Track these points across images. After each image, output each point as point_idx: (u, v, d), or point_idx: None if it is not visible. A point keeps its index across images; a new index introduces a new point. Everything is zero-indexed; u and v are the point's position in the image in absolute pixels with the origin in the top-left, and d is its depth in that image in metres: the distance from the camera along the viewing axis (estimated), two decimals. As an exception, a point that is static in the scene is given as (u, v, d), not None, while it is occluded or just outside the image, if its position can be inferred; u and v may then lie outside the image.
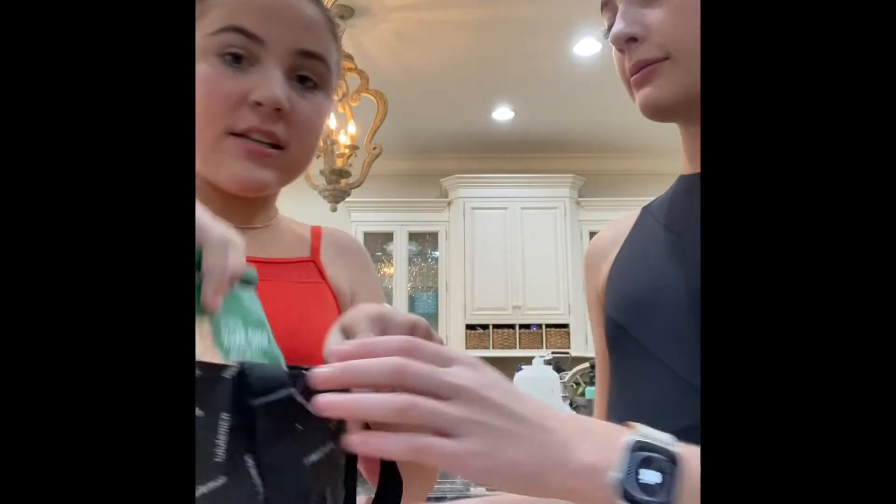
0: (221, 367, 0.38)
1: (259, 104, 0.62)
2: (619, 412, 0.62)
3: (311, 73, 0.66)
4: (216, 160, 0.64)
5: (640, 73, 0.62)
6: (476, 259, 4.36)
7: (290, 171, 0.68)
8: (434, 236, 4.58)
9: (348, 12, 2.96)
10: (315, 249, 0.75)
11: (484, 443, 0.37)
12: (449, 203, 4.53)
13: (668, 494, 0.36)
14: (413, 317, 0.48)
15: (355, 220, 4.46)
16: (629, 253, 0.69)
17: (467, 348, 4.32)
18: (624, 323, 0.64)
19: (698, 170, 0.65)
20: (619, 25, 0.61)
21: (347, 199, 3.24)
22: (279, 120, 0.63)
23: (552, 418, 0.40)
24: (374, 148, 2.90)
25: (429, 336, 0.48)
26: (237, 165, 0.64)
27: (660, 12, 0.61)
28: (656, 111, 0.62)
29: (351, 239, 0.82)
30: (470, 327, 4.33)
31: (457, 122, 4.21)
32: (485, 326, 4.33)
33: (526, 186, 4.42)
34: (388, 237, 4.50)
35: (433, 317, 4.49)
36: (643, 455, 0.37)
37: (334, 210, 3.10)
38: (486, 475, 0.37)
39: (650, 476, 0.37)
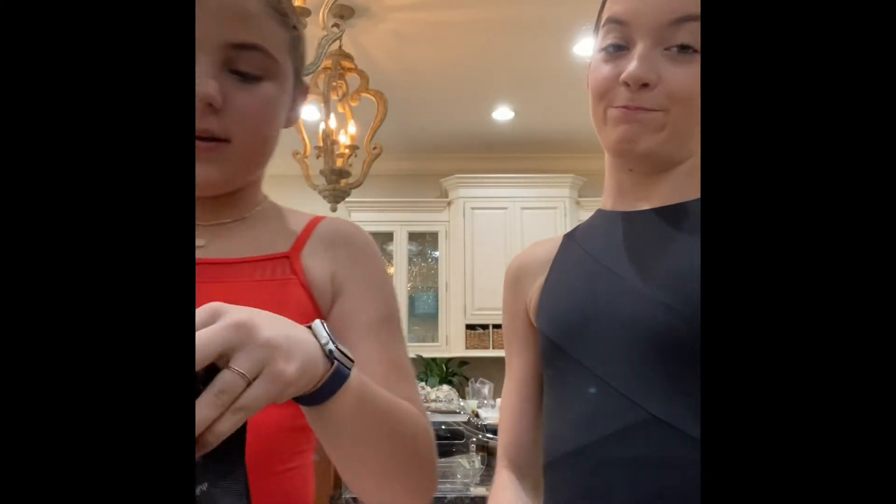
0: None
1: None
2: (558, 417, 0.72)
3: (248, 67, 0.63)
4: None
5: (637, 111, 0.66)
6: (476, 259, 4.36)
7: (236, 164, 0.65)
8: (434, 236, 4.58)
9: (348, 12, 2.96)
10: (299, 243, 0.70)
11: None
12: (449, 203, 4.53)
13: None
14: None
15: (355, 220, 4.44)
16: (559, 278, 0.77)
17: (467, 348, 4.32)
18: (561, 343, 0.71)
19: (620, 209, 0.74)
20: (640, 68, 0.65)
21: (347, 199, 3.23)
22: (212, 114, 0.61)
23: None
24: (374, 148, 2.90)
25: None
26: None
27: (677, 71, 0.65)
28: (633, 152, 0.68)
29: (348, 229, 0.74)
30: (470, 327, 4.33)
31: (457, 122, 4.21)
32: (485, 326, 4.33)
33: (526, 186, 4.42)
34: (388, 237, 4.49)
35: (433, 317, 4.49)
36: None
37: (334, 210, 3.10)
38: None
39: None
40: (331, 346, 0.50)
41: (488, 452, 1.56)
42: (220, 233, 0.68)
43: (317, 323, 0.51)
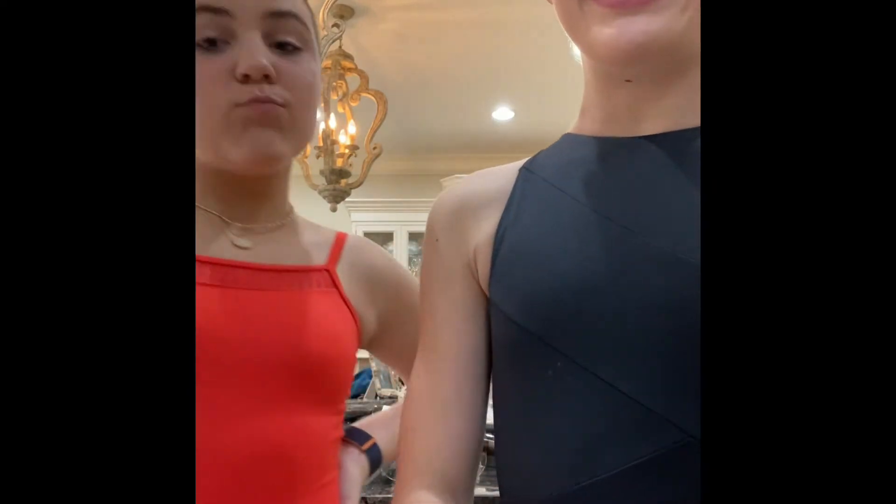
0: None
1: (247, 76, 0.61)
2: (547, 443, 0.49)
3: (288, 36, 0.64)
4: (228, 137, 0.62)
5: None
6: (476, 259, 4.35)
7: (296, 134, 0.66)
8: (434, 236, 4.58)
9: (348, 12, 2.96)
10: (332, 258, 0.71)
11: None
12: (449, 203, 4.53)
13: None
14: None
15: (355, 220, 4.46)
16: (528, 231, 0.53)
17: (467, 348, 4.31)
18: (543, 333, 0.49)
19: (613, 134, 0.54)
20: None
21: (347, 199, 3.23)
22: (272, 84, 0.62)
23: None
24: (374, 148, 2.90)
25: None
26: (249, 134, 0.61)
27: None
28: (641, 49, 0.47)
29: (376, 255, 0.75)
30: (470, 327, 4.33)
31: (457, 122, 4.21)
32: (485, 326, 4.33)
33: (526, 186, 4.41)
34: (388, 237, 4.49)
35: (433, 317, 4.48)
36: None
37: (334, 210, 3.10)
38: None
39: None
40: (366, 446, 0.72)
41: (488, 452, 1.56)
42: (268, 237, 0.68)
43: (350, 429, 0.72)
